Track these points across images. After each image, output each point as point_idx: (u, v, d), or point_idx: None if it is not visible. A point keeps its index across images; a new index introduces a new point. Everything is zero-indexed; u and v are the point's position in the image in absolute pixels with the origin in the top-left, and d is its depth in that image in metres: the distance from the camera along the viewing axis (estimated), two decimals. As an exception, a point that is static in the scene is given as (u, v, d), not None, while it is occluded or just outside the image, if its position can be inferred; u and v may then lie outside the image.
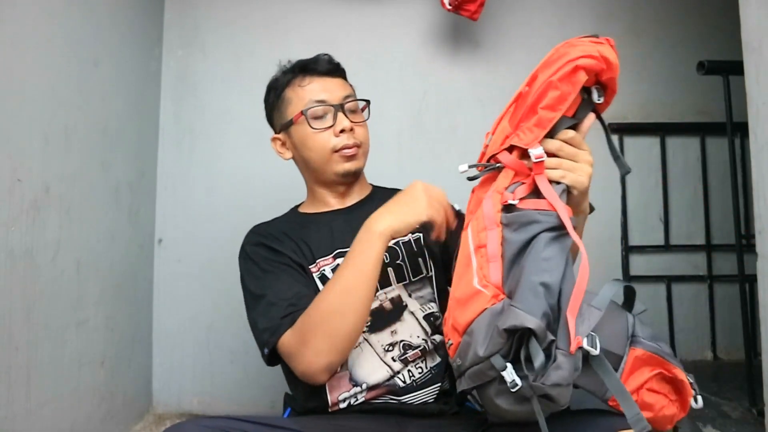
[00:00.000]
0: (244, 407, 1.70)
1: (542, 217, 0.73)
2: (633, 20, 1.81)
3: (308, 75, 1.07)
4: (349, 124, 1.04)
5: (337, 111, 1.04)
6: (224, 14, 1.80)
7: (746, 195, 1.62)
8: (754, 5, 1.00)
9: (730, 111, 1.36)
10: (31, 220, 1.10)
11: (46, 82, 1.17)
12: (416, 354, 0.98)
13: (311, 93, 1.05)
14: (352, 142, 1.04)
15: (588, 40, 0.78)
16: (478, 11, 1.61)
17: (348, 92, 1.08)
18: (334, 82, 1.08)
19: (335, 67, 1.10)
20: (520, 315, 0.66)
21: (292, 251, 1.02)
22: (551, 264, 0.70)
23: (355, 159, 1.06)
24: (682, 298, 1.77)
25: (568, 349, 0.65)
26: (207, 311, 1.73)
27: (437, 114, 1.80)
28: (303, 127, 1.05)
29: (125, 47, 1.54)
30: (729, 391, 1.37)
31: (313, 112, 1.04)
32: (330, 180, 1.08)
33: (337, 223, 1.07)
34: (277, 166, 1.75)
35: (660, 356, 0.71)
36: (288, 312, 0.92)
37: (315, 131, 1.04)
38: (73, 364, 1.26)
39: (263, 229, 1.09)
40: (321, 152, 1.05)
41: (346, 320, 0.86)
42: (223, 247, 1.70)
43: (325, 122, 1.04)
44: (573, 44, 0.77)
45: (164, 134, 1.77)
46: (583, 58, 0.74)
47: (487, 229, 0.76)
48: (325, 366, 0.88)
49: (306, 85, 1.06)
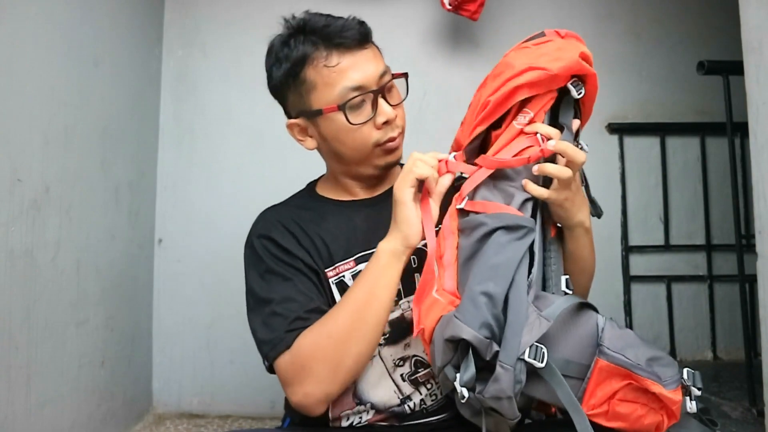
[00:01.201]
0: (244, 407, 1.70)
1: (488, 219, 0.72)
2: (633, 20, 1.81)
3: (335, 51, 0.84)
4: (393, 114, 0.87)
5: (376, 97, 0.85)
6: (224, 14, 1.80)
7: (746, 195, 1.62)
8: (754, 5, 1.00)
9: (730, 111, 1.36)
10: (31, 220, 1.10)
11: (46, 82, 1.17)
12: (428, 374, 0.87)
13: (344, 78, 0.84)
14: (397, 132, 0.89)
15: (539, 41, 0.78)
16: (478, 11, 1.61)
17: (383, 66, 0.88)
18: (367, 56, 0.86)
19: (363, 35, 0.87)
20: (458, 325, 0.65)
21: (306, 252, 0.88)
22: (497, 272, 0.68)
23: (398, 150, 0.91)
24: (682, 298, 1.77)
25: (512, 360, 0.63)
26: (207, 311, 1.73)
27: (437, 114, 1.80)
28: (337, 121, 0.86)
29: (125, 47, 1.53)
30: (729, 391, 1.37)
31: (351, 104, 0.85)
32: (365, 174, 0.93)
33: (360, 218, 0.92)
34: (277, 166, 1.76)
35: (625, 368, 0.65)
36: (293, 327, 0.80)
37: (354, 127, 0.85)
38: (73, 364, 1.26)
39: (274, 218, 0.92)
40: (360, 148, 0.88)
41: (354, 348, 0.76)
42: (223, 247, 1.70)
43: (362, 112, 0.86)
44: (519, 52, 0.79)
45: (164, 134, 1.77)
46: (525, 72, 0.74)
47: (444, 238, 0.76)
48: (323, 398, 0.78)
49: (334, 66, 0.84)
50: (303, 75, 0.86)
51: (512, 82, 0.75)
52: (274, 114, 1.75)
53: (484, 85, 0.81)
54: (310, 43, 0.85)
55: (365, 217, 0.92)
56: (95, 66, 1.36)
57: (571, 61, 0.75)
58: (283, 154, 1.75)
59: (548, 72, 0.74)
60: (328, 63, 0.84)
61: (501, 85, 0.76)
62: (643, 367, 0.65)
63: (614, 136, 1.80)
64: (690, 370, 0.68)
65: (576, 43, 0.78)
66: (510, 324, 0.65)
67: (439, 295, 0.72)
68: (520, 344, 0.64)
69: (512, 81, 0.75)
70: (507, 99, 0.76)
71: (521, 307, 0.66)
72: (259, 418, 1.67)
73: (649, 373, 0.65)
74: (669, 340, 1.74)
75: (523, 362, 0.63)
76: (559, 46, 0.77)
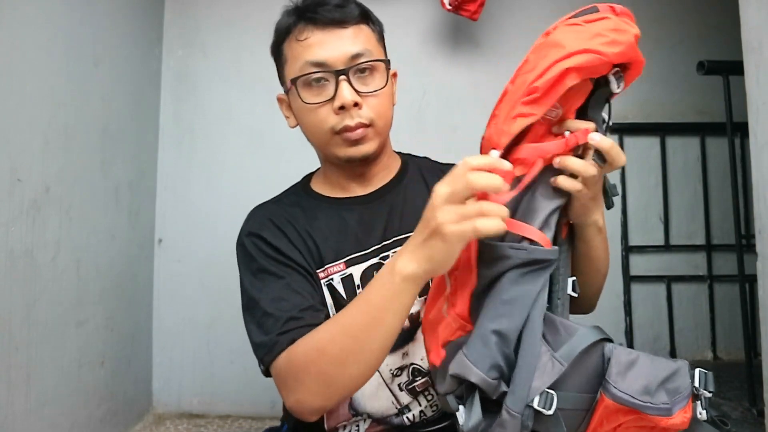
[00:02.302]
0: (244, 407, 1.70)
1: (513, 252, 0.62)
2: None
3: (308, 25, 0.80)
4: (351, 99, 0.78)
5: (338, 79, 0.78)
6: (224, 14, 1.80)
7: (746, 195, 1.62)
8: (754, 5, 1.00)
9: (730, 111, 1.36)
10: (31, 220, 1.10)
11: (46, 82, 1.17)
12: (425, 383, 0.84)
13: (308, 52, 0.80)
14: (356, 122, 0.79)
15: (591, 18, 0.65)
16: (478, 11, 1.61)
17: (360, 48, 0.80)
18: (341, 36, 0.80)
19: (345, 15, 0.81)
20: (466, 365, 0.61)
21: (298, 251, 0.83)
22: (512, 308, 0.61)
23: (362, 143, 0.81)
24: (682, 298, 1.77)
25: (520, 407, 0.59)
26: (207, 311, 1.73)
27: (437, 114, 1.80)
28: (297, 97, 0.82)
29: (125, 47, 1.53)
30: (729, 391, 1.37)
31: (305, 80, 0.80)
32: (337, 163, 0.87)
33: (353, 218, 0.87)
34: (277, 166, 1.76)
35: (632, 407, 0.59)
36: (286, 329, 0.74)
37: (308, 106, 0.80)
38: (73, 364, 1.26)
39: (265, 216, 0.88)
40: (318, 132, 0.82)
41: (349, 371, 0.68)
42: (223, 247, 1.69)
43: (322, 93, 0.80)
44: (569, 29, 0.66)
45: (164, 134, 1.77)
46: (576, 55, 0.61)
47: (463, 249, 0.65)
48: (316, 410, 0.72)
49: (303, 40, 0.80)
50: (281, 48, 0.86)
51: (561, 64, 0.61)
52: (274, 114, 1.76)
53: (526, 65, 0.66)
54: (294, 17, 0.83)
55: (358, 216, 0.87)
56: (95, 66, 1.36)
57: (627, 45, 0.63)
58: (283, 154, 1.75)
59: (602, 57, 0.61)
60: (298, 36, 0.81)
61: (549, 66, 0.62)
62: (651, 403, 0.59)
63: (614, 136, 1.80)
64: (702, 372, 0.62)
65: (631, 24, 0.66)
66: (521, 367, 0.60)
67: (450, 316, 0.66)
68: (530, 390, 0.60)
69: (561, 63, 0.61)
70: (556, 84, 0.61)
71: (534, 348, 0.61)
72: (259, 418, 1.67)
73: (658, 409, 0.59)
74: (669, 340, 1.74)
75: (532, 409, 0.60)
76: (614, 26, 0.64)
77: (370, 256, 0.85)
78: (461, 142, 1.79)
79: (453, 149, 1.79)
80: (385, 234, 0.86)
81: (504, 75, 0.85)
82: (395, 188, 0.91)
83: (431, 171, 0.97)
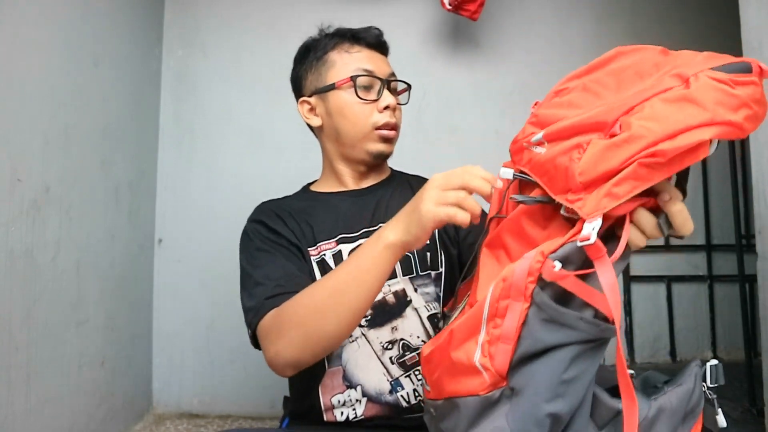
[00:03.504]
0: (244, 407, 1.70)
1: (583, 326, 0.54)
2: (633, 20, 1.81)
3: (357, 44, 1.00)
4: (394, 102, 0.98)
5: (383, 85, 0.98)
6: (224, 14, 1.80)
7: (746, 195, 1.63)
8: (754, 5, 1.00)
9: (730, 111, 1.36)
10: (31, 220, 1.10)
11: (46, 82, 1.17)
12: (414, 358, 0.89)
13: (360, 61, 0.98)
14: (394, 121, 0.98)
15: (741, 80, 0.51)
16: (478, 11, 1.61)
17: (392, 71, 1.02)
18: (382, 58, 1.02)
19: (383, 44, 1.04)
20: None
21: (291, 232, 0.95)
22: (571, 389, 0.54)
23: (390, 142, 1.00)
24: (682, 298, 1.77)
25: None
26: (207, 311, 1.73)
27: (437, 114, 1.80)
28: (346, 94, 0.97)
29: (125, 47, 1.54)
30: (729, 391, 1.37)
31: (360, 80, 0.97)
32: (358, 158, 1.00)
33: (345, 205, 1.00)
34: (277, 166, 1.76)
35: None
36: (274, 293, 0.83)
37: (360, 101, 0.96)
38: (73, 364, 1.26)
39: (267, 207, 1.02)
40: (360, 125, 0.97)
41: (328, 323, 0.75)
42: (223, 247, 1.70)
43: (369, 94, 0.98)
44: (714, 85, 0.51)
45: (164, 134, 1.77)
46: (719, 126, 0.49)
47: (510, 298, 0.56)
48: (292, 362, 0.78)
49: (354, 53, 0.99)
50: (326, 56, 1.00)
51: (701, 133, 0.49)
52: (274, 114, 1.77)
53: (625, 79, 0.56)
54: (339, 36, 1.02)
55: (350, 205, 1.00)
56: (95, 66, 1.36)
57: (761, 121, 0.52)
58: (283, 154, 1.75)
59: (741, 133, 0.50)
60: (350, 50, 0.99)
61: (683, 130, 0.49)
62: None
63: (614, 136, 1.80)
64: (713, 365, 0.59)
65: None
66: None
67: (482, 367, 0.57)
68: None
69: (701, 131, 0.49)
70: (686, 155, 0.50)
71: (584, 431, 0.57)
72: (259, 417, 1.67)
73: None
74: (669, 340, 1.75)
75: None
76: (760, 96, 0.52)
77: (358, 237, 0.96)
78: (461, 142, 1.79)
79: (453, 149, 1.80)
80: (372, 220, 0.98)
81: (504, 75, 0.86)
82: (384, 187, 1.04)
83: (418, 181, 1.09)
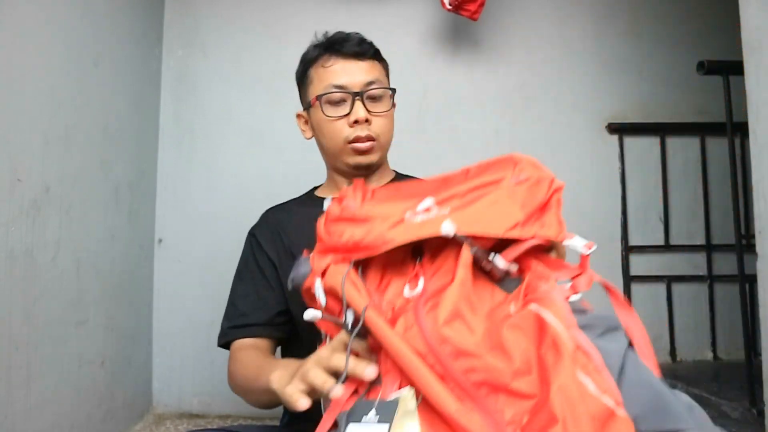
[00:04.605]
0: (244, 407, 1.69)
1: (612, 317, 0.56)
2: (633, 20, 1.81)
3: (333, 55, 1.00)
4: (364, 115, 0.97)
5: (354, 99, 0.98)
6: (224, 14, 1.80)
7: (746, 195, 1.62)
8: (754, 5, 1.00)
9: (730, 111, 1.36)
10: (31, 220, 1.10)
11: (46, 82, 1.17)
12: None
13: (332, 76, 0.99)
14: (365, 134, 0.98)
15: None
16: (478, 11, 1.61)
17: (373, 77, 1.00)
18: (359, 66, 1.00)
19: (364, 50, 1.01)
20: None
21: (277, 254, 1.01)
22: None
23: (369, 153, 1.00)
24: (682, 298, 1.77)
25: None
26: (207, 311, 1.73)
27: (437, 114, 1.80)
28: (319, 111, 1.00)
29: (125, 47, 1.53)
30: (729, 391, 1.37)
31: (328, 98, 0.99)
32: (342, 169, 1.04)
33: None
34: (277, 166, 1.76)
35: None
36: (235, 324, 0.98)
37: (329, 119, 0.99)
38: (73, 364, 1.26)
39: (268, 219, 1.09)
40: (334, 141, 1.00)
41: (250, 401, 0.90)
42: (223, 247, 1.70)
43: (340, 110, 0.99)
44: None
45: (164, 134, 1.77)
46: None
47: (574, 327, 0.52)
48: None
49: (329, 67, 1.00)
50: (308, 72, 1.04)
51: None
52: (273, 114, 1.77)
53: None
54: (320, 48, 1.02)
55: None
56: (95, 66, 1.36)
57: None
58: (283, 154, 1.75)
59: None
60: (325, 64, 1.01)
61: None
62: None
63: (614, 136, 1.80)
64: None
65: None
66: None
67: (618, 410, 0.46)
68: None
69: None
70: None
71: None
72: (259, 417, 1.67)
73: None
74: (669, 340, 1.75)
75: None
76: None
77: None
78: (461, 142, 1.79)
79: (453, 149, 1.80)
80: None
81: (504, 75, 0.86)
82: None
83: None
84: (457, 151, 1.77)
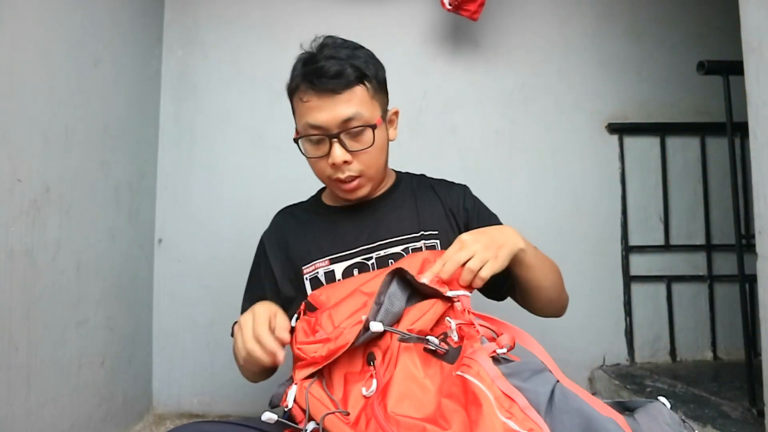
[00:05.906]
0: (244, 407, 1.70)
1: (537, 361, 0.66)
2: (633, 20, 1.81)
3: (310, 89, 0.94)
4: (341, 158, 0.94)
5: (332, 141, 0.94)
6: (224, 14, 1.80)
7: (746, 195, 1.62)
8: (754, 5, 1.00)
9: (730, 111, 1.36)
10: (31, 220, 1.10)
11: (46, 82, 1.17)
12: None
13: (309, 114, 0.94)
14: (346, 175, 0.96)
15: None
16: (478, 11, 1.61)
17: (351, 112, 0.93)
18: (336, 101, 0.93)
19: (339, 84, 0.93)
20: None
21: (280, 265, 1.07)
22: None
23: (356, 190, 1.00)
24: (682, 298, 1.77)
25: None
26: (207, 311, 1.73)
27: (437, 114, 1.80)
28: (303, 146, 0.99)
29: (125, 47, 1.53)
30: (729, 391, 1.37)
31: (307, 139, 0.97)
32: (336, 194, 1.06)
33: (343, 222, 1.07)
34: (277, 166, 1.76)
35: None
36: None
37: (310, 159, 0.99)
38: (73, 364, 1.26)
39: (277, 224, 1.14)
40: (320, 177, 1.02)
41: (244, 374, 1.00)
42: (224, 246, 1.71)
43: (320, 149, 0.96)
44: None
45: (164, 134, 1.77)
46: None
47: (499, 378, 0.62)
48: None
49: (306, 102, 0.95)
50: (292, 100, 1.01)
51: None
52: (274, 114, 1.77)
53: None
54: (299, 76, 0.96)
55: (348, 221, 1.06)
56: (95, 66, 1.36)
57: None
58: (282, 155, 1.75)
59: None
60: (303, 98, 0.96)
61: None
62: None
63: (614, 136, 1.80)
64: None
65: None
66: None
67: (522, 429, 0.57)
68: None
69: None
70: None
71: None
72: (258, 417, 1.67)
73: None
74: (669, 340, 1.75)
75: None
76: None
77: (353, 255, 1.02)
78: (461, 142, 1.79)
79: (453, 149, 1.80)
80: (369, 238, 1.03)
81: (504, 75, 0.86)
82: (385, 200, 1.08)
83: (422, 186, 1.13)
84: (457, 151, 1.77)
